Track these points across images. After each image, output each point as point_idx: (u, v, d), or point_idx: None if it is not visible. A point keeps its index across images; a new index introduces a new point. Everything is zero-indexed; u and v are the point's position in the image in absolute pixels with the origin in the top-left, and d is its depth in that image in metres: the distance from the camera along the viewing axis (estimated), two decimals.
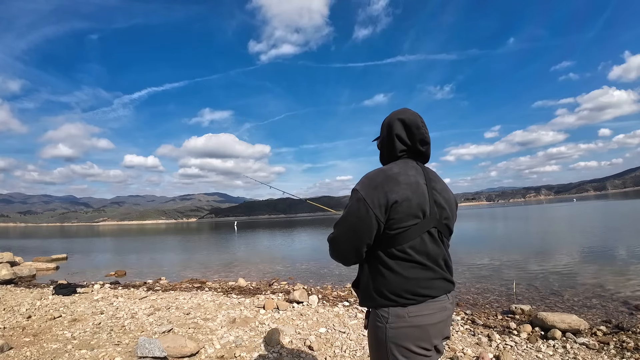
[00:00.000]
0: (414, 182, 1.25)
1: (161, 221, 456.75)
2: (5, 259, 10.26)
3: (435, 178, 1.35)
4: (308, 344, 3.47)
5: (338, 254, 1.34)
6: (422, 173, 1.32)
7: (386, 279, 1.23)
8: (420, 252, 1.22)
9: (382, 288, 1.23)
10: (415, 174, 1.29)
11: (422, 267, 1.23)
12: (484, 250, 11.94)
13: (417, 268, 1.22)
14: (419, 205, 1.22)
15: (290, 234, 30.14)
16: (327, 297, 5.86)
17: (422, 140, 1.36)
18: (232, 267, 11.18)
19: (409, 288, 1.20)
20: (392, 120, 1.41)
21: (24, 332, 4.01)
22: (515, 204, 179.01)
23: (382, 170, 1.29)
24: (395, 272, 1.22)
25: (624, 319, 4.49)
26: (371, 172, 1.31)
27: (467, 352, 3.37)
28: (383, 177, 1.25)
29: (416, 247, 1.22)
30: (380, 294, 1.24)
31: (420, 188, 1.25)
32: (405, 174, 1.26)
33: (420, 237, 1.23)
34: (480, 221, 31.63)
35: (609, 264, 8.27)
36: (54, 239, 36.32)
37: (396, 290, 1.21)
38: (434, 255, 1.25)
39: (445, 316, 1.26)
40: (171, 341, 3.26)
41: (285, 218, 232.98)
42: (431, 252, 1.24)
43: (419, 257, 1.22)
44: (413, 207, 1.21)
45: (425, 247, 1.23)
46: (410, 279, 1.21)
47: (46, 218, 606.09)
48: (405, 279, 1.21)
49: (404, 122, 1.38)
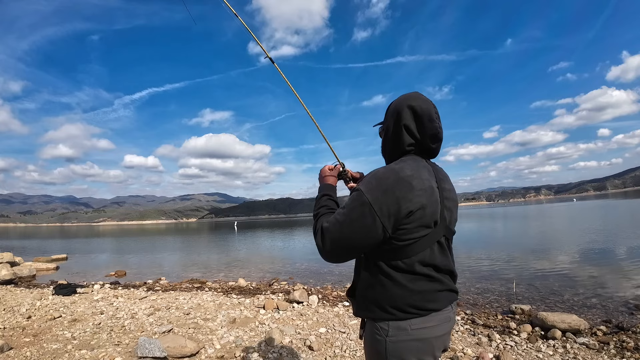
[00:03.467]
0: (428, 187, 1.08)
1: (161, 221, 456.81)
2: (5, 259, 10.26)
3: (444, 178, 1.21)
4: (308, 344, 3.48)
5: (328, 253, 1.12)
6: (434, 174, 1.15)
7: (388, 291, 1.09)
8: (428, 264, 1.09)
9: (382, 300, 1.10)
10: (429, 177, 1.11)
11: (428, 279, 1.10)
12: (484, 250, 11.93)
13: (423, 280, 1.09)
14: (432, 215, 1.08)
15: (290, 234, 30.15)
16: (327, 297, 5.86)
17: (434, 136, 1.18)
18: (232, 267, 11.19)
19: (412, 302, 1.08)
20: (400, 106, 1.20)
21: (24, 333, 4.01)
22: (515, 204, 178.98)
23: (392, 171, 1.09)
24: (399, 284, 1.08)
25: (624, 319, 4.49)
26: (379, 170, 1.11)
27: (467, 352, 3.37)
28: (394, 180, 1.05)
29: (425, 259, 1.09)
30: (379, 306, 1.11)
31: (435, 194, 1.09)
32: (419, 178, 1.08)
33: (430, 247, 1.10)
34: (480, 221, 31.63)
35: (609, 263, 8.28)
36: (54, 239, 36.31)
37: (398, 304, 1.08)
38: (442, 266, 1.12)
39: (449, 327, 1.16)
40: (171, 341, 3.26)
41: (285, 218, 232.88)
42: (439, 263, 1.11)
43: (426, 269, 1.09)
44: (427, 216, 1.07)
45: (434, 259, 1.10)
46: (415, 292, 1.08)
47: (46, 218, 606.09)
48: (410, 292, 1.08)
49: (414, 111, 1.17)
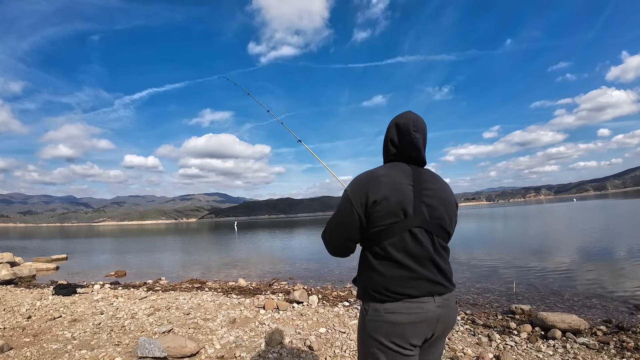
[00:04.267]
0: (395, 182, 1.30)
1: (161, 221, 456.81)
2: (5, 259, 10.26)
3: (430, 179, 1.37)
4: (308, 344, 3.48)
5: (328, 245, 1.45)
6: (411, 174, 1.34)
7: (369, 276, 1.31)
8: (400, 250, 1.26)
9: (366, 284, 1.32)
10: (399, 175, 1.32)
11: (399, 265, 1.26)
12: (484, 250, 11.94)
13: (395, 267, 1.27)
14: (398, 204, 1.26)
15: (290, 234, 30.16)
16: (327, 297, 5.86)
17: (411, 144, 1.39)
18: (232, 267, 11.18)
19: (386, 286, 1.26)
20: (390, 124, 1.47)
21: (24, 333, 4.02)
22: (515, 204, 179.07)
23: (368, 172, 1.37)
24: (376, 270, 1.29)
25: (624, 318, 4.49)
26: (360, 174, 1.39)
27: (467, 352, 3.37)
28: (367, 177, 1.33)
29: (396, 245, 1.26)
30: (364, 289, 1.33)
31: (402, 188, 1.29)
32: (388, 176, 1.32)
33: (401, 235, 1.26)
34: (480, 221, 31.63)
35: (609, 263, 8.28)
36: (54, 239, 36.31)
37: (376, 287, 1.28)
38: (416, 254, 1.26)
39: (426, 317, 1.25)
40: (171, 341, 3.26)
41: (285, 218, 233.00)
42: (412, 251, 1.26)
43: (398, 255, 1.26)
44: (392, 206, 1.26)
45: (406, 246, 1.26)
46: (387, 277, 1.27)
47: (46, 218, 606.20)
48: (384, 277, 1.27)
49: (398, 127, 1.42)
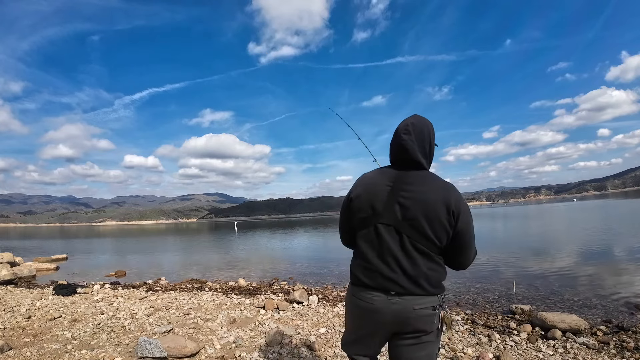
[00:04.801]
0: (372, 182, 1.46)
1: (161, 221, 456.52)
2: (5, 260, 10.24)
3: (415, 182, 1.37)
4: (308, 344, 3.47)
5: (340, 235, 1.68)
6: (393, 177, 1.42)
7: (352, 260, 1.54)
8: (365, 242, 1.43)
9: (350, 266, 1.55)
10: (380, 177, 1.46)
11: (361, 255, 1.45)
12: (484, 250, 11.92)
13: (359, 256, 1.46)
14: (367, 201, 1.42)
15: (290, 234, 30.15)
16: (327, 297, 5.85)
17: (399, 147, 1.43)
18: (232, 268, 11.16)
19: (353, 270, 1.49)
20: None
21: (24, 333, 4.01)
22: (515, 204, 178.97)
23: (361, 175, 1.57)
24: (354, 255, 1.52)
25: (624, 318, 4.49)
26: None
27: (467, 352, 3.37)
28: (357, 180, 1.55)
29: (363, 236, 1.45)
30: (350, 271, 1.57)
31: (376, 188, 1.43)
32: (371, 177, 1.49)
33: (368, 229, 1.42)
34: (480, 221, 31.60)
35: (609, 264, 8.27)
36: (54, 239, 36.30)
37: (351, 269, 1.51)
38: (377, 248, 1.39)
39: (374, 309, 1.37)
40: (171, 341, 3.26)
41: (285, 218, 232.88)
42: (374, 244, 1.41)
43: (363, 245, 1.44)
44: (362, 202, 1.44)
45: (370, 239, 1.42)
46: (354, 263, 1.50)
47: (46, 218, 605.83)
48: (353, 263, 1.50)
49: (395, 131, 1.49)
